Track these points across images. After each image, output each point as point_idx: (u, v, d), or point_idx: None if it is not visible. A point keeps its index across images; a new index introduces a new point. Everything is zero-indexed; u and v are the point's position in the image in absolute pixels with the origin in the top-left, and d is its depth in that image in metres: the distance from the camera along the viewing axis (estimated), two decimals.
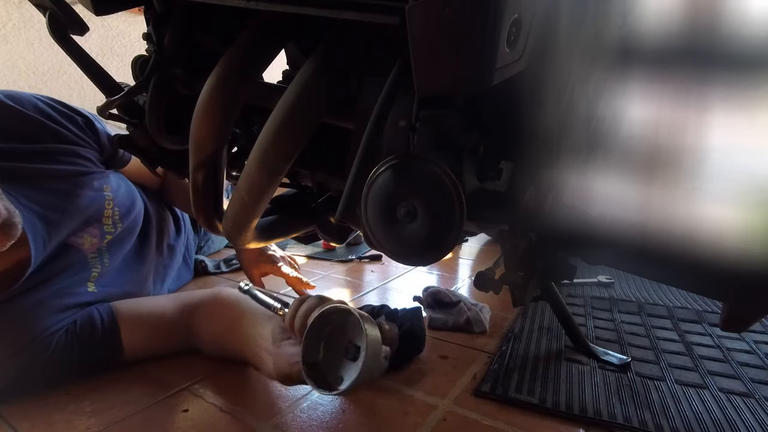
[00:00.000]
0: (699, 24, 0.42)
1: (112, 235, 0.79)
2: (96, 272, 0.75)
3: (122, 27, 1.73)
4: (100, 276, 0.76)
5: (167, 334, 0.73)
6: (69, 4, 0.52)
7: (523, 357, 0.72)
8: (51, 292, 0.67)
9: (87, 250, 0.75)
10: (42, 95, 0.75)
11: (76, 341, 0.66)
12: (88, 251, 0.75)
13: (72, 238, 0.73)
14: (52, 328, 0.65)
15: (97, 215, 0.77)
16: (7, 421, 0.58)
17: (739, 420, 0.56)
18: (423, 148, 0.38)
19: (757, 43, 0.39)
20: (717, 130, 0.43)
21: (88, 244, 0.75)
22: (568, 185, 0.46)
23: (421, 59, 0.29)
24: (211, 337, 0.72)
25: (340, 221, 0.44)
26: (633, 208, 0.45)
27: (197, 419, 0.58)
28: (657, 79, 0.44)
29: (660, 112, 0.46)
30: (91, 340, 0.67)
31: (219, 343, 0.71)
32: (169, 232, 1.01)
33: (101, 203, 0.78)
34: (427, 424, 0.56)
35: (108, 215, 0.78)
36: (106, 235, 0.78)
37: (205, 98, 0.46)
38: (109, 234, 0.79)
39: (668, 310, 0.91)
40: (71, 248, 0.73)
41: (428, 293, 0.91)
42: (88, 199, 0.75)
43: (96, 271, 0.76)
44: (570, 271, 0.59)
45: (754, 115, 0.40)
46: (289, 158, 0.44)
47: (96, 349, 0.68)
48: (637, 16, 0.44)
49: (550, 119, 0.41)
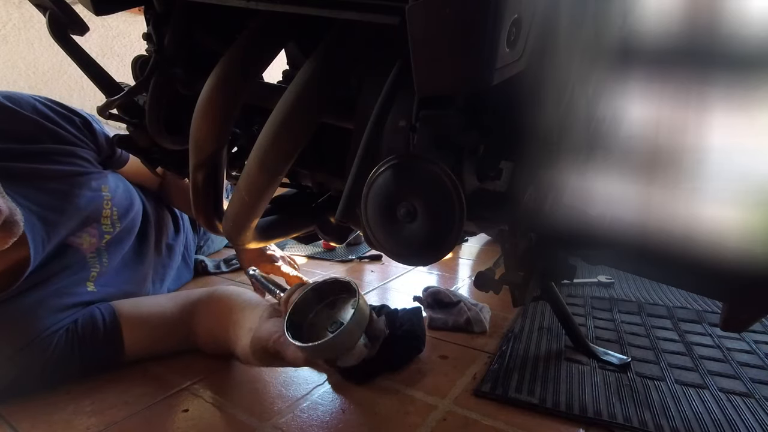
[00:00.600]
0: (699, 24, 0.42)
1: (111, 234, 0.80)
2: (95, 272, 0.76)
3: (122, 27, 1.73)
4: (99, 276, 0.76)
5: (167, 334, 0.73)
6: (69, 4, 0.52)
7: (523, 357, 0.72)
8: (50, 291, 0.67)
9: (86, 250, 0.75)
10: (40, 96, 0.75)
11: (77, 341, 0.66)
12: (87, 251, 0.75)
13: (71, 238, 0.73)
14: (52, 327, 0.65)
15: (96, 215, 0.77)
16: (7, 421, 0.58)
17: (739, 420, 0.56)
18: (423, 148, 0.38)
19: (757, 43, 0.39)
20: (717, 130, 0.43)
21: (87, 243, 0.75)
22: (568, 185, 0.46)
23: (421, 59, 0.29)
24: (206, 332, 0.72)
25: (340, 221, 0.44)
26: (633, 208, 0.45)
27: (197, 419, 0.58)
28: (657, 79, 0.44)
29: (660, 112, 0.46)
30: (92, 339, 0.67)
31: (213, 336, 0.71)
32: (168, 231, 1.01)
33: (99, 203, 0.78)
34: (427, 424, 0.56)
35: (106, 215, 0.79)
36: (105, 235, 0.78)
37: (205, 98, 0.46)
38: (108, 234, 0.79)
39: (668, 310, 0.91)
40: (70, 248, 0.73)
41: (428, 293, 0.91)
42: (86, 199, 0.75)
43: (95, 270, 0.76)
44: (570, 271, 0.59)
45: (754, 115, 0.40)
46: (289, 158, 0.44)
47: (97, 348, 0.68)
48: (637, 16, 0.44)
49: (550, 119, 0.41)
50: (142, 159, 0.64)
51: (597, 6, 0.40)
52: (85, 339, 0.67)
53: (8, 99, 0.70)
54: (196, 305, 0.74)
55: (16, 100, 0.70)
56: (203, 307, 0.74)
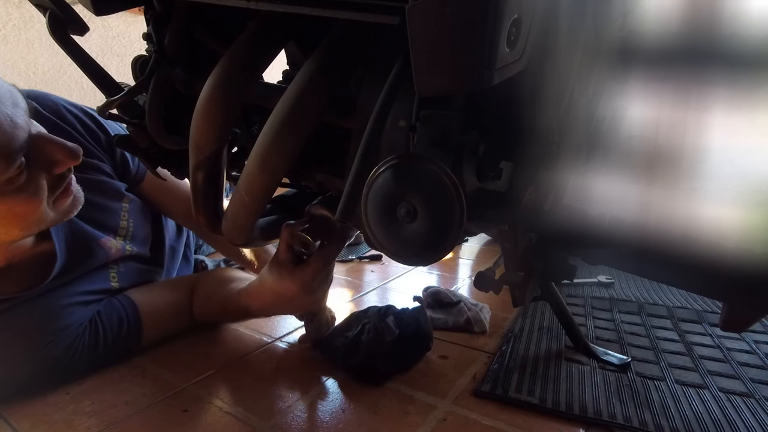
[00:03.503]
0: (699, 24, 0.42)
1: (130, 244, 0.80)
2: (114, 272, 0.77)
3: (122, 27, 1.74)
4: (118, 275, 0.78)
5: (177, 316, 0.79)
6: (69, 4, 0.52)
7: (523, 357, 0.72)
8: (77, 289, 0.69)
9: (113, 255, 0.76)
10: (70, 102, 0.76)
11: (102, 333, 0.68)
12: (114, 255, 0.76)
13: (102, 240, 0.74)
14: (76, 321, 0.66)
15: (114, 225, 0.78)
16: (7, 421, 0.58)
17: (739, 420, 0.56)
18: (423, 147, 0.38)
19: (757, 43, 0.39)
20: (717, 130, 0.43)
21: (115, 249, 0.76)
22: (568, 185, 0.46)
23: (421, 59, 0.29)
24: (202, 300, 0.79)
25: (341, 221, 0.44)
26: (633, 208, 0.45)
27: (197, 419, 0.58)
28: (657, 79, 0.45)
29: (660, 112, 0.46)
30: (118, 331, 0.70)
31: (208, 301, 0.79)
32: (170, 234, 1.01)
33: (118, 212, 0.79)
34: (427, 424, 0.56)
35: (123, 226, 0.80)
36: (126, 245, 0.79)
37: (205, 98, 0.46)
38: (128, 243, 0.80)
39: (668, 310, 0.91)
40: (101, 250, 0.74)
41: (428, 293, 0.91)
42: (105, 205, 0.76)
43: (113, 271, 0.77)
44: (570, 271, 0.59)
45: (754, 115, 0.40)
46: (289, 158, 0.44)
47: (122, 340, 0.71)
48: (637, 16, 0.44)
49: (550, 119, 0.41)
50: (142, 159, 0.64)
51: (597, 6, 0.40)
52: (110, 332, 0.69)
53: (38, 101, 0.69)
54: (197, 280, 0.83)
55: (44, 104, 0.70)
56: (203, 280, 0.83)
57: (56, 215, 0.60)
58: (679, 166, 0.48)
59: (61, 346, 0.64)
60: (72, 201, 0.62)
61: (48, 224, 0.61)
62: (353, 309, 0.95)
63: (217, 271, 0.86)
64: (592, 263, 0.50)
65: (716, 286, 0.42)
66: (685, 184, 0.47)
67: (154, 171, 0.66)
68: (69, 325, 0.65)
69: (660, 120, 0.55)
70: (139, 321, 0.73)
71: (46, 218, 0.59)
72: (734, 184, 0.58)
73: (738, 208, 0.41)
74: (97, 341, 0.68)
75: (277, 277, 0.65)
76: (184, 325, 0.81)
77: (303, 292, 0.65)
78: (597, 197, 0.46)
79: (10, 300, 0.62)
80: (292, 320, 0.88)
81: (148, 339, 0.75)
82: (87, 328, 0.68)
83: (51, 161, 0.57)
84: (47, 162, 0.56)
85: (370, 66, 0.44)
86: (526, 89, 0.38)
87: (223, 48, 0.46)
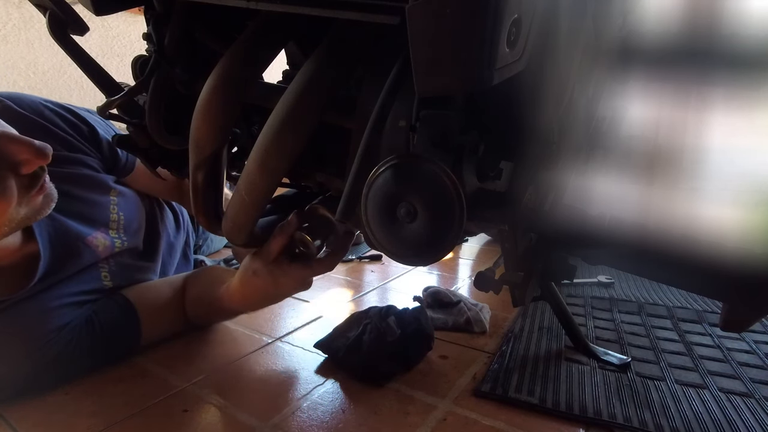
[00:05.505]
0: (699, 24, 0.42)
1: (120, 240, 0.80)
2: (105, 272, 0.77)
3: (122, 27, 1.74)
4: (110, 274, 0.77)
5: (174, 314, 0.79)
6: (69, 4, 0.52)
7: (523, 357, 0.72)
8: (68, 290, 0.69)
9: (101, 253, 0.75)
10: (50, 101, 0.75)
11: (99, 333, 0.68)
12: (102, 254, 0.76)
13: (88, 238, 0.73)
14: (71, 322, 0.66)
15: (104, 219, 0.77)
16: (7, 421, 0.58)
17: (739, 420, 0.56)
18: (423, 148, 0.38)
19: (757, 43, 0.39)
20: (717, 130, 0.43)
21: (102, 246, 0.76)
22: (568, 185, 0.46)
23: (421, 59, 0.29)
24: (194, 299, 0.79)
25: (341, 221, 0.44)
26: (633, 208, 0.45)
27: (197, 419, 0.58)
28: (657, 79, 0.45)
29: (660, 112, 0.46)
30: (114, 330, 0.70)
31: (200, 300, 0.78)
32: (168, 229, 1.01)
33: (107, 206, 0.78)
34: (427, 424, 0.56)
35: (114, 219, 0.79)
36: (116, 240, 0.79)
37: (205, 98, 0.46)
38: (118, 239, 0.79)
39: (668, 310, 0.91)
40: (88, 249, 0.73)
41: (428, 293, 0.91)
42: (92, 200, 0.75)
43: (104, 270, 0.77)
44: (570, 271, 0.59)
45: (754, 115, 0.40)
46: (289, 158, 0.44)
47: (119, 339, 0.71)
48: (637, 16, 0.44)
49: (550, 119, 0.41)
50: (142, 159, 0.64)
51: (597, 6, 0.40)
52: (106, 331, 0.69)
53: (14, 101, 0.70)
54: (186, 279, 0.83)
55: (22, 104, 0.70)
56: (192, 280, 0.82)
57: (28, 212, 0.58)
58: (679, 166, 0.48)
59: (58, 346, 0.64)
60: (44, 199, 0.59)
61: (19, 224, 0.58)
62: (353, 309, 0.95)
63: (206, 270, 0.85)
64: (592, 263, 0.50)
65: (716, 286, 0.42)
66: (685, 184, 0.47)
67: (154, 171, 0.66)
68: (65, 326, 0.65)
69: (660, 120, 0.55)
70: (137, 320, 0.73)
71: (17, 217, 0.57)
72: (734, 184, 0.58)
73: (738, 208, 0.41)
74: (94, 341, 0.68)
75: (268, 276, 0.63)
76: (183, 324, 0.80)
77: (296, 289, 0.65)
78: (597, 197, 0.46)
79: (4, 301, 0.62)
80: (292, 320, 0.88)
81: (147, 339, 0.75)
82: (84, 328, 0.67)
83: (16, 161, 0.53)
84: (12, 162, 0.53)
85: (370, 66, 0.44)
86: (526, 89, 0.38)
87: (223, 48, 0.46)
